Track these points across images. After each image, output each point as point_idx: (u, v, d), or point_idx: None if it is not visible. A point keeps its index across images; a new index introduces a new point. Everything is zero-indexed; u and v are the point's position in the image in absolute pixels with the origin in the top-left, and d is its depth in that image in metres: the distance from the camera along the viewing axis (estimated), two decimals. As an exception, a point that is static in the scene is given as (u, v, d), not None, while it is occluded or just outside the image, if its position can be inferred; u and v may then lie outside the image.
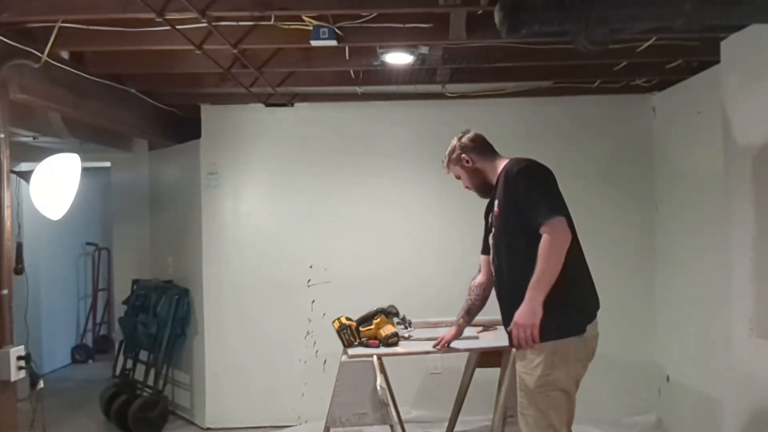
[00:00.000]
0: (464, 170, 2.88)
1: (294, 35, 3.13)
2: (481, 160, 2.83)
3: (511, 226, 2.63)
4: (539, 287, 2.43)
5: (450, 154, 2.92)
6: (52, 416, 4.43)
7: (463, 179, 2.92)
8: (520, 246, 2.58)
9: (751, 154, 2.99)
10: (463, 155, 2.86)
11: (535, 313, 2.42)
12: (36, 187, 3.22)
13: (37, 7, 2.77)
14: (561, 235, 2.44)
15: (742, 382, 3.10)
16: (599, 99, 4.68)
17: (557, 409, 2.51)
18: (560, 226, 2.45)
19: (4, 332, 2.89)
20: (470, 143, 2.87)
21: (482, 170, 2.83)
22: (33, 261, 5.03)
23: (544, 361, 2.49)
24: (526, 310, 2.45)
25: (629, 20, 2.39)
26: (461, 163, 2.87)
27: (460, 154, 2.87)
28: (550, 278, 2.43)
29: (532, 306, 2.43)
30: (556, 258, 2.43)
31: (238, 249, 4.81)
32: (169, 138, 5.15)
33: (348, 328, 3.34)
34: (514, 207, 2.59)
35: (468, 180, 2.89)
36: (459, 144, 2.89)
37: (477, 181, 2.86)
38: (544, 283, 2.43)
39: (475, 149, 2.85)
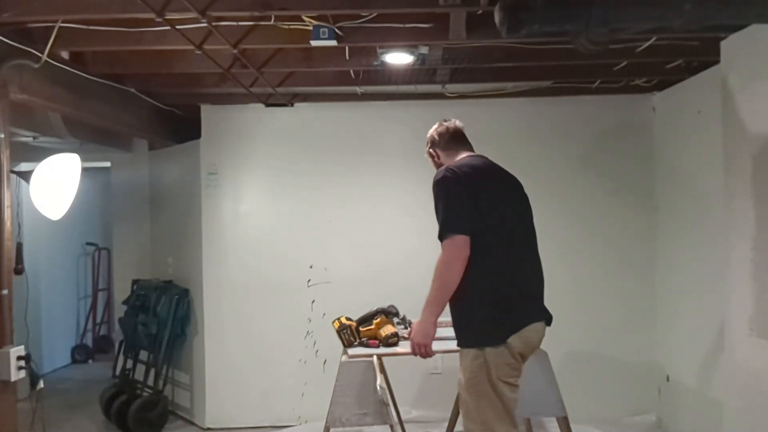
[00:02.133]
0: (433, 164, 2.86)
1: (294, 35, 3.13)
2: (444, 155, 2.79)
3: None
4: (430, 307, 2.49)
5: (426, 145, 2.90)
6: (52, 416, 4.43)
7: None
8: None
9: (751, 154, 2.98)
10: (430, 149, 2.86)
11: (425, 332, 2.50)
12: (36, 187, 3.22)
13: (37, 7, 2.77)
14: (450, 253, 2.43)
15: (742, 382, 3.10)
16: (599, 99, 4.68)
17: (488, 407, 2.50)
18: (452, 244, 2.42)
19: (4, 332, 2.89)
20: (438, 137, 2.82)
21: (441, 165, 2.78)
22: (33, 261, 5.04)
23: (469, 365, 2.53)
24: (419, 328, 2.52)
25: (629, 20, 2.39)
26: (430, 156, 2.88)
27: (428, 147, 2.87)
28: (442, 297, 2.46)
29: (424, 326, 2.50)
30: (445, 278, 2.45)
31: (238, 249, 4.80)
32: (169, 138, 5.15)
33: (348, 328, 3.34)
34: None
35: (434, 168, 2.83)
36: (429, 137, 2.86)
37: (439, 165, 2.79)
38: (434, 303, 2.47)
39: (440, 143, 2.80)
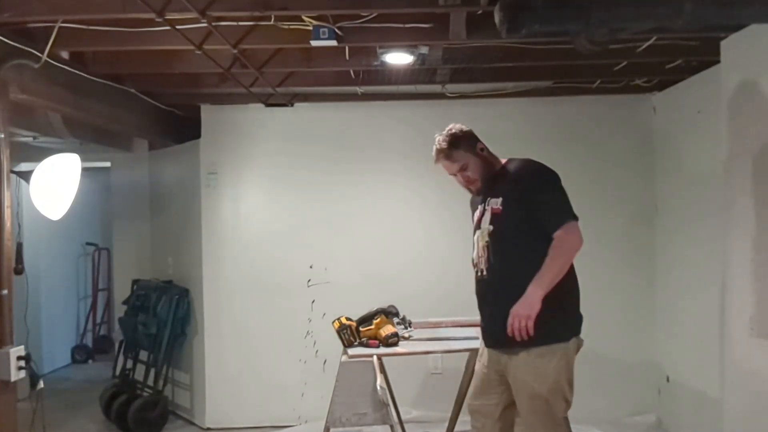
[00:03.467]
0: (478, 159, 2.70)
1: (294, 35, 3.13)
2: (488, 151, 2.75)
3: (517, 226, 2.57)
4: (542, 284, 2.42)
5: (457, 141, 2.70)
6: (52, 416, 4.42)
7: (471, 169, 2.71)
8: (524, 247, 2.55)
9: (751, 154, 2.98)
10: (478, 143, 2.73)
11: (533, 306, 2.40)
12: (36, 187, 3.22)
13: (37, 7, 2.77)
14: (575, 238, 2.46)
15: (741, 382, 3.10)
16: (599, 99, 4.68)
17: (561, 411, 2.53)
18: (576, 230, 2.47)
19: (4, 332, 2.89)
20: (473, 133, 2.76)
21: (491, 161, 2.73)
22: (33, 261, 5.03)
23: (556, 366, 2.49)
24: (526, 301, 2.42)
25: (629, 20, 2.39)
26: (475, 150, 2.71)
27: (474, 142, 2.72)
28: (555, 278, 2.43)
29: (532, 299, 2.41)
30: (566, 260, 2.46)
31: (238, 249, 4.80)
32: (169, 138, 5.15)
33: (348, 328, 3.34)
34: (524, 207, 2.55)
35: (478, 170, 2.71)
36: (466, 133, 2.73)
37: (486, 172, 2.71)
38: (547, 281, 2.42)
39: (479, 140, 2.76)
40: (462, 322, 3.75)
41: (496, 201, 2.63)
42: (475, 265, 2.73)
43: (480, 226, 2.70)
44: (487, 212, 2.66)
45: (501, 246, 2.61)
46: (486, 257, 2.65)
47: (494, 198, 2.64)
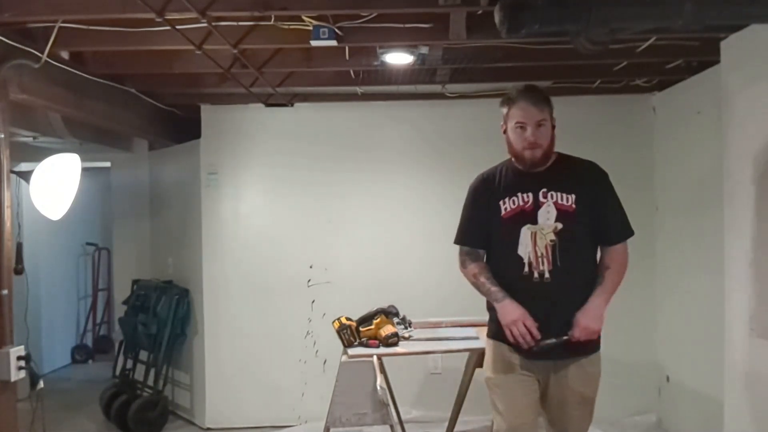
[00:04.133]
0: (551, 126, 2.51)
1: (294, 35, 3.13)
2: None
3: (587, 230, 2.47)
4: (608, 297, 2.43)
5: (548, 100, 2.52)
6: (52, 416, 4.42)
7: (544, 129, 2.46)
8: (588, 252, 2.50)
9: (751, 154, 2.98)
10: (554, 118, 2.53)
11: (602, 319, 2.41)
12: (36, 187, 3.22)
13: (37, 7, 2.76)
14: (627, 256, 2.53)
15: (742, 382, 3.10)
16: (599, 99, 4.68)
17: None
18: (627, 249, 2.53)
19: (4, 332, 2.88)
20: None
21: (554, 140, 2.52)
22: (33, 261, 5.04)
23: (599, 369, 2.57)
24: (596, 314, 2.39)
25: (629, 20, 2.39)
26: (553, 120, 2.52)
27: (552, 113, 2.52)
28: (615, 292, 2.46)
29: (601, 312, 2.41)
30: (622, 277, 2.49)
31: (238, 249, 4.81)
32: (169, 138, 5.15)
33: (348, 328, 3.34)
34: (598, 212, 2.46)
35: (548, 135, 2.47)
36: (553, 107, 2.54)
37: (549, 145, 2.48)
38: (611, 295, 2.44)
39: None
40: (462, 322, 3.76)
41: (565, 197, 2.44)
42: (527, 265, 2.44)
43: (535, 221, 2.44)
44: (550, 207, 2.43)
45: (571, 248, 2.43)
46: (550, 257, 2.41)
47: (560, 192, 2.44)
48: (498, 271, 2.55)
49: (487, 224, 2.56)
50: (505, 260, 2.50)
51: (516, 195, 2.48)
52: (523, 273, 2.44)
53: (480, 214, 2.60)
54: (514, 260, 2.46)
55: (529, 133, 2.43)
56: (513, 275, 2.47)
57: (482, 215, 2.58)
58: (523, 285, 2.45)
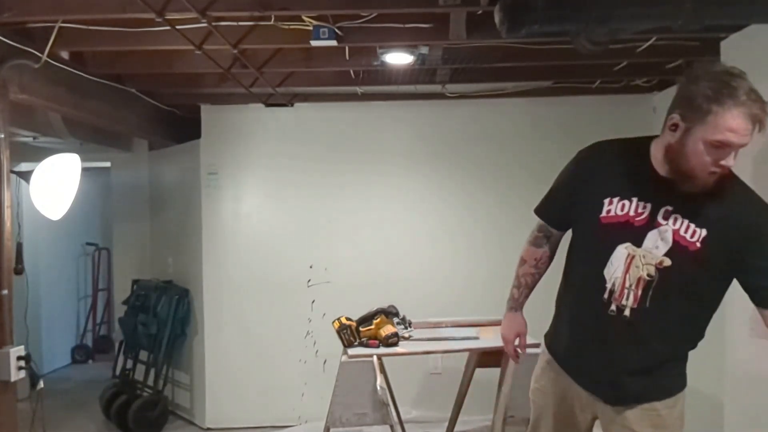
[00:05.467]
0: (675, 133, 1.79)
1: (294, 35, 3.13)
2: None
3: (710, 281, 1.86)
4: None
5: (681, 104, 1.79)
6: (52, 416, 4.42)
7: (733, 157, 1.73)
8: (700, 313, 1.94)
9: (751, 154, 2.98)
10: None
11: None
12: (36, 187, 3.22)
13: (37, 7, 2.76)
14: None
15: (742, 382, 3.10)
16: (599, 99, 4.68)
17: None
18: None
19: (4, 332, 2.88)
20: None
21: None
22: (33, 261, 5.04)
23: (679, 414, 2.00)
24: None
25: (629, 20, 2.39)
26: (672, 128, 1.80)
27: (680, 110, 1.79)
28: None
29: None
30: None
31: (238, 249, 4.81)
32: (169, 138, 5.15)
33: (348, 328, 3.34)
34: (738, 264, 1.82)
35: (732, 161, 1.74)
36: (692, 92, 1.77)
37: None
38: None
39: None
40: (462, 322, 3.76)
41: (692, 229, 1.80)
42: (608, 291, 1.90)
43: (640, 242, 1.86)
44: (667, 234, 1.83)
45: (671, 295, 1.85)
46: (638, 294, 1.86)
47: (688, 221, 1.81)
48: (571, 282, 2.07)
49: (575, 211, 2.04)
50: (584, 274, 2.00)
51: (629, 199, 1.88)
52: (601, 299, 1.91)
53: (574, 194, 2.04)
54: (594, 278, 1.92)
55: (731, 159, 1.73)
56: (586, 294, 1.97)
57: (576, 196, 2.03)
58: (593, 312, 1.94)
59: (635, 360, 1.93)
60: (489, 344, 3.46)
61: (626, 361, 1.93)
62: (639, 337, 1.90)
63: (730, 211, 1.80)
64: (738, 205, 1.81)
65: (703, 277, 1.84)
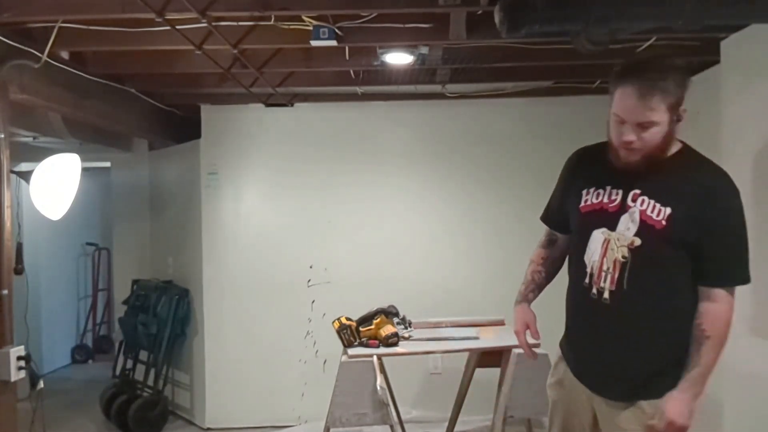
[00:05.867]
0: (668, 125, 1.83)
1: (294, 35, 3.13)
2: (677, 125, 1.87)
3: (677, 256, 1.87)
4: (703, 380, 1.87)
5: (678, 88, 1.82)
6: (52, 416, 4.43)
7: (652, 134, 1.84)
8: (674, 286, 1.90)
9: (751, 154, 2.98)
10: (684, 108, 1.84)
11: (693, 413, 1.85)
12: (36, 187, 3.22)
13: (37, 7, 2.76)
14: (732, 311, 1.86)
15: (742, 382, 3.10)
16: (599, 99, 4.63)
17: None
18: (733, 301, 1.86)
19: (4, 332, 2.89)
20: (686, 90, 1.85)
21: (672, 137, 1.88)
22: (33, 261, 5.04)
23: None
24: (685, 409, 1.85)
25: (629, 20, 2.39)
26: (676, 113, 1.83)
27: (681, 99, 1.83)
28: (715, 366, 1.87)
29: (691, 405, 1.86)
30: (725, 343, 1.87)
31: (238, 249, 4.81)
32: (169, 138, 5.15)
33: (348, 328, 3.34)
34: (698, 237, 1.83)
35: (657, 138, 1.85)
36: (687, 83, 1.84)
37: (658, 146, 1.87)
38: (708, 375, 1.87)
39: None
40: (462, 322, 3.76)
41: (657, 208, 1.87)
42: (587, 275, 2.00)
43: (614, 226, 1.94)
44: (634, 214, 1.91)
45: (645, 273, 1.90)
46: (615, 277, 1.92)
47: (653, 200, 1.89)
48: (569, 277, 2.15)
49: (566, 210, 2.15)
50: (573, 263, 2.11)
51: (603, 188, 2.00)
52: (584, 284, 2.00)
53: (563, 195, 2.18)
54: (579, 266, 2.03)
55: (627, 131, 1.86)
56: (574, 283, 2.08)
57: (565, 197, 2.16)
58: (579, 298, 2.04)
59: (612, 352, 1.97)
60: (489, 344, 3.46)
61: (612, 352, 1.97)
62: (621, 322, 1.94)
63: (690, 188, 1.87)
64: (699, 182, 1.88)
65: (672, 254, 1.88)
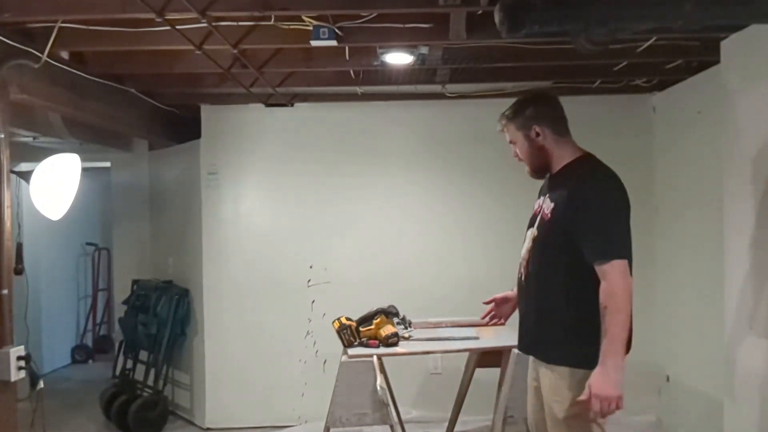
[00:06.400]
0: (528, 142, 2.34)
1: (294, 35, 3.13)
2: (554, 139, 2.32)
3: (557, 243, 2.25)
4: (617, 348, 2.10)
5: (516, 115, 2.36)
6: (52, 416, 4.42)
7: (519, 149, 2.39)
8: (557, 269, 2.26)
9: (751, 154, 2.98)
10: (535, 125, 2.31)
11: (617, 382, 2.05)
12: (36, 187, 3.22)
13: (37, 7, 2.77)
14: (628, 280, 2.19)
15: (741, 382, 3.10)
16: (599, 99, 4.68)
17: None
18: (626, 270, 2.19)
19: (4, 332, 2.88)
20: (549, 110, 2.34)
21: (549, 152, 2.33)
22: (33, 261, 5.03)
23: (576, 389, 2.17)
24: (605, 380, 2.05)
25: (629, 20, 2.39)
26: (527, 131, 2.33)
27: (530, 121, 2.32)
28: (624, 333, 2.13)
29: (614, 375, 2.06)
30: (627, 309, 2.16)
31: (238, 249, 4.80)
32: (169, 138, 5.15)
33: (348, 328, 3.34)
34: (573, 225, 2.19)
35: (526, 155, 2.37)
36: (534, 107, 2.33)
37: (536, 161, 2.36)
38: (620, 342, 2.11)
39: (553, 122, 2.32)
40: (462, 322, 3.76)
41: (549, 204, 2.30)
42: (521, 266, 2.44)
43: (533, 224, 2.40)
44: (542, 213, 2.36)
45: (537, 258, 2.34)
46: (527, 263, 2.39)
47: (549, 199, 2.32)
48: None
49: None
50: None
51: (540, 197, 2.45)
52: (519, 273, 2.49)
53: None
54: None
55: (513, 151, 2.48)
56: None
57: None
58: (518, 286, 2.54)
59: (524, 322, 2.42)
60: (489, 344, 3.46)
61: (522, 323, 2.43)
62: (527, 300, 2.41)
63: (564, 185, 2.28)
64: (567, 179, 2.28)
65: (557, 239, 2.26)
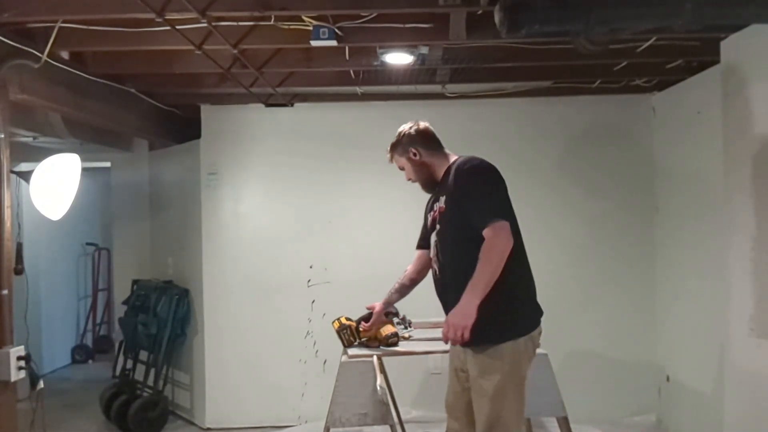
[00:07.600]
0: (410, 162, 2.82)
1: (294, 35, 3.13)
2: (429, 154, 2.77)
3: (456, 225, 2.57)
4: (476, 291, 2.37)
5: (395, 145, 2.85)
6: (52, 416, 4.43)
7: (407, 171, 2.87)
8: (464, 247, 2.51)
9: (751, 154, 2.99)
10: (411, 148, 2.78)
11: (468, 314, 2.35)
12: (36, 187, 3.22)
13: (37, 7, 2.77)
14: (503, 239, 2.40)
15: (741, 382, 3.10)
16: (599, 99, 4.68)
17: (514, 408, 2.46)
18: (503, 231, 2.41)
19: (4, 332, 2.89)
20: (418, 136, 2.79)
21: (429, 164, 2.78)
22: (33, 261, 5.03)
23: (501, 365, 2.44)
24: (459, 310, 2.38)
25: (629, 20, 2.39)
26: (407, 155, 2.81)
27: (407, 146, 2.80)
28: (488, 282, 2.37)
29: (467, 309, 2.36)
30: (496, 263, 2.38)
31: (238, 249, 4.80)
32: (169, 138, 5.15)
33: (348, 328, 3.34)
34: (461, 206, 2.54)
35: (413, 173, 2.84)
36: (407, 135, 2.80)
37: (422, 175, 2.81)
38: (481, 287, 2.37)
39: (423, 142, 2.78)
40: (462, 322, 3.74)
41: (442, 200, 2.66)
42: (432, 261, 2.78)
43: (434, 229, 2.74)
44: (436, 211, 2.71)
45: (445, 246, 2.64)
46: (437, 257, 2.69)
47: (442, 198, 2.67)
48: None
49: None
50: None
51: (434, 206, 2.77)
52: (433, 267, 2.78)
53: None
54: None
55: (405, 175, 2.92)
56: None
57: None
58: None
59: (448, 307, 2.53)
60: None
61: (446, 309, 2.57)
62: (444, 287, 2.64)
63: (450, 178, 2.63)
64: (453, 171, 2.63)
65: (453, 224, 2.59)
